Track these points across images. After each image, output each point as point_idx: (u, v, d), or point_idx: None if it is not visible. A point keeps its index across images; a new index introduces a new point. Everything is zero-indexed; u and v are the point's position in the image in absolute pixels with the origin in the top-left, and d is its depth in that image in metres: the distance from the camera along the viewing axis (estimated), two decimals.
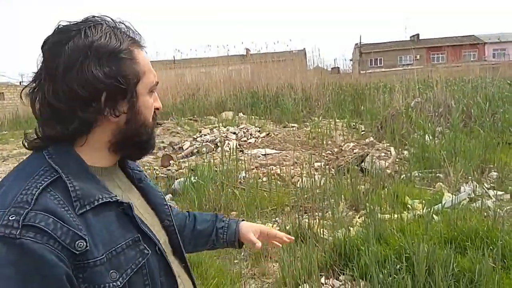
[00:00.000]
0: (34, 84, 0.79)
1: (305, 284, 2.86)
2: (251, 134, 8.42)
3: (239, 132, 8.56)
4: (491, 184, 5.05)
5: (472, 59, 31.18)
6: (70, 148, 0.79)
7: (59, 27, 0.79)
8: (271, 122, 10.40)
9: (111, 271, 0.72)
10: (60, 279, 0.66)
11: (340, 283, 2.97)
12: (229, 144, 7.54)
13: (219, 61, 17.46)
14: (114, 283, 0.72)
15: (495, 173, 5.35)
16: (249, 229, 1.22)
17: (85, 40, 0.76)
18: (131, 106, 0.81)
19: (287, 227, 3.70)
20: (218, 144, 7.60)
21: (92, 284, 0.70)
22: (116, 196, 0.78)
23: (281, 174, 5.67)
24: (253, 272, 3.33)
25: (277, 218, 4.30)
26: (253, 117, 10.94)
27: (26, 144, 0.81)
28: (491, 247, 2.97)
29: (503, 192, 4.63)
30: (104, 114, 0.78)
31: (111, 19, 0.83)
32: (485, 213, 3.74)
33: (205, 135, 8.54)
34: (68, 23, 0.79)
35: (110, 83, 0.76)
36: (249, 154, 6.68)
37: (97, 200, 0.75)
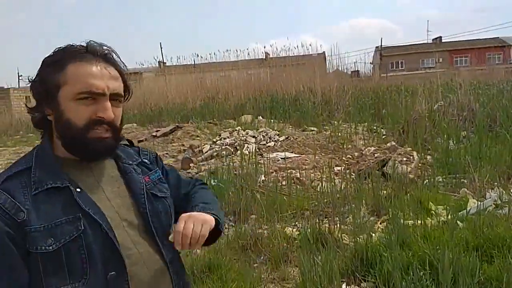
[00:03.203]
0: None
1: None
2: (270, 138, 8.40)
3: (258, 136, 8.56)
4: None
5: (497, 62, 30.38)
6: (49, 144, 1.05)
7: None
8: (290, 126, 10.36)
9: (48, 238, 0.93)
10: (2, 240, 0.91)
11: None
12: (248, 147, 7.55)
13: (239, 65, 17.54)
14: (48, 247, 0.93)
15: None
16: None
17: (44, 58, 1.04)
18: (54, 107, 1.02)
19: (307, 232, 3.67)
20: (238, 147, 7.62)
21: (31, 244, 0.93)
22: (67, 182, 0.99)
23: (301, 178, 5.63)
24: (272, 276, 3.31)
25: (296, 223, 4.27)
26: (272, 120, 10.92)
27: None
28: None
29: None
30: (42, 110, 1.04)
31: (82, 43, 1.05)
32: None
33: (224, 138, 8.58)
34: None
35: (37, 88, 1.03)
36: (268, 158, 6.67)
37: (47, 185, 0.98)
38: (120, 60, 1.09)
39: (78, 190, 1.00)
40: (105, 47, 1.06)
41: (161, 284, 1.08)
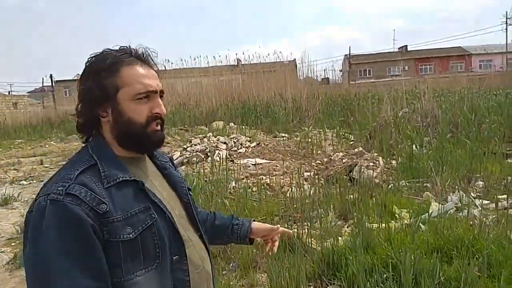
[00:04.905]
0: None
1: None
2: (241, 144, 8.42)
3: (229, 142, 8.57)
4: (477, 193, 5.12)
5: (459, 70, 31.71)
6: (104, 142, 1.10)
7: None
8: (262, 132, 10.44)
9: (126, 227, 1.00)
10: (87, 230, 0.94)
11: None
12: (219, 154, 7.54)
13: (210, 71, 17.51)
14: (128, 235, 1.00)
15: (481, 183, 5.43)
16: (260, 228, 1.48)
17: (90, 63, 1.09)
18: (113, 108, 1.07)
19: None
20: (208, 154, 7.60)
21: (112, 234, 0.98)
22: (133, 176, 1.06)
23: (271, 184, 5.68)
24: (241, 283, 3.32)
25: None
26: (243, 127, 10.97)
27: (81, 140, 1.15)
28: (477, 256, 3.01)
29: (488, 201, 4.69)
30: (95, 113, 1.08)
31: (126, 46, 1.12)
32: (471, 222, 3.79)
33: (195, 145, 8.53)
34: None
35: (92, 92, 1.07)
36: (239, 164, 6.68)
37: (118, 178, 1.04)
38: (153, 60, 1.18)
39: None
40: (143, 49, 1.14)
41: (206, 266, 1.21)
